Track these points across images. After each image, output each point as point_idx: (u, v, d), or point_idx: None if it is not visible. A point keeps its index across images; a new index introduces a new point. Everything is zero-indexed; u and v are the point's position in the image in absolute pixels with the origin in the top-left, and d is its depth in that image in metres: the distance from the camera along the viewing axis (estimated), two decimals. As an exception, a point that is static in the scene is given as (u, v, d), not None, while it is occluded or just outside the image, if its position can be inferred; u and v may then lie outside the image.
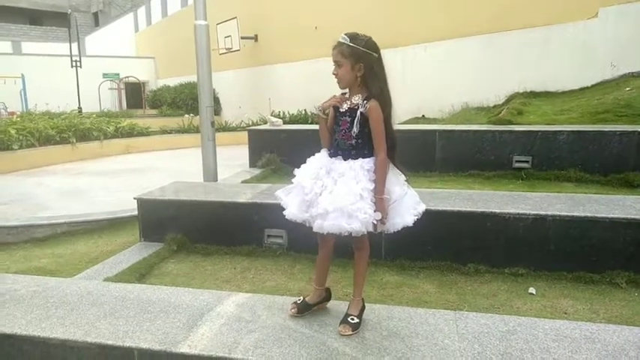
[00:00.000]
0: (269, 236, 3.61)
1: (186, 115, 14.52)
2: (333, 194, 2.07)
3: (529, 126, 5.26)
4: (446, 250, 3.26)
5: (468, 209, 3.28)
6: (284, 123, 7.71)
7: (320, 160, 2.20)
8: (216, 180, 5.46)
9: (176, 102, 19.32)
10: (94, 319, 2.36)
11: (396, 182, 2.16)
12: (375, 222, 2.07)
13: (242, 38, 15.25)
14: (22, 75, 19.25)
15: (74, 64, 19.05)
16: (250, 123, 12.34)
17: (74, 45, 20.13)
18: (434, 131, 5.37)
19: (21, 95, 19.22)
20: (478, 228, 3.21)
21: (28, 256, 3.93)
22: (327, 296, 2.43)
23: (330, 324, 2.26)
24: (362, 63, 2.08)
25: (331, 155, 2.19)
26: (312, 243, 3.45)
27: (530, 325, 2.24)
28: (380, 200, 2.07)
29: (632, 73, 6.57)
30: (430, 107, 9.31)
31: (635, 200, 3.43)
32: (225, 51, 15.54)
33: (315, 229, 2.11)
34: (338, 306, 2.46)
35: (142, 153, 11.38)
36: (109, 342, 2.17)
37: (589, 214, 3.05)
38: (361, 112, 2.09)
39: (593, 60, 7.13)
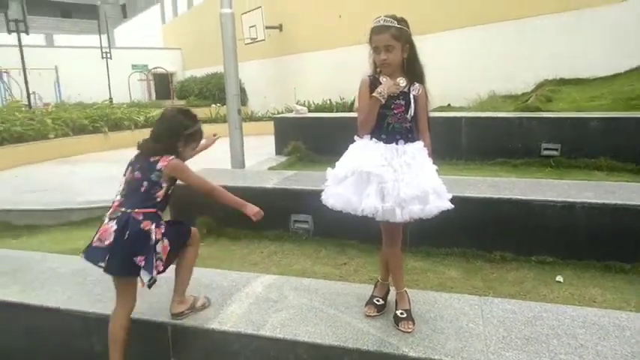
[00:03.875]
0: (295, 221, 3.69)
1: (214, 105, 14.72)
2: (418, 177, 1.97)
3: (558, 113, 5.15)
4: (471, 238, 3.26)
5: (493, 196, 3.27)
6: (309, 112, 7.76)
7: (376, 147, 2.05)
8: (244, 167, 5.56)
9: (203, 92, 19.59)
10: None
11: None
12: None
13: (267, 28, 15.31)
14: (56, 67, 19.82)
15: (104, 55, 19.49)
16: (276, 112, 12.43)
17: (104, 37, 20.59)
18: (459, 118, 5.31)
19: (55, 87, 19.81)
20: (503, 215, 3.19)
21: (67, 237, 4.12)
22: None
23: (354, 305, 2.31)
24: (409, 44, 2.04)
25: (387, 141, 2.05)
26: (336, 229, 3.54)
27: (556, 312, 2.23)
28: None
29: (668, 58, 6.35)
30: (456, 96, 9.18)
31: (668, 188, 3.35)
32: (250, 41, 15.63)
33: (408, 217, 1.96)
34: (364, 289, 2.50)
35: (171, 142, 11.62)
36: (145, 317, 2.28)
37: (619, 202, 3.01)
38: (414, 95, 2.08)
39: (626, 45, 6.89)
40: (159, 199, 2.12)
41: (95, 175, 7.20)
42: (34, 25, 11.35)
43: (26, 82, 11.87)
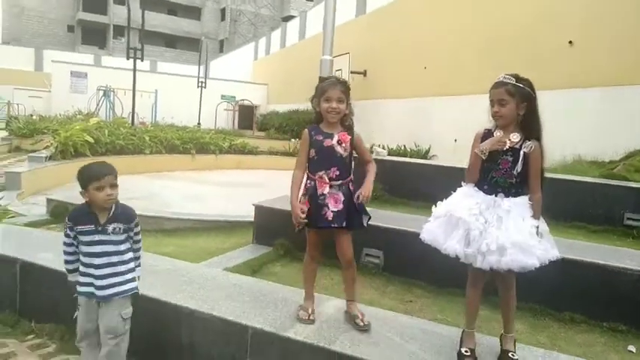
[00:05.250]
0: (367, 255, 3.88)
1: (292, 140, 15.43)
2: (504, 230, 2.07)
3: (647, 184, 5.02)
4: (541, 295, 3.26)
5: (568, 256, 3.27)
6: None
7: (476, 195, 2.21)
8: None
9: (282, 127, 20.51)
10: (217, 298, 2.77)
11: (542, 220, 2.21)
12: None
13: (352, 73, 15.99)
14: (156, 90, 21.81)
15: (200, 84, 21.18)
16: (353, 153, 12.79)
17: (202, 68, 22.44)
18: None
19: (152, 108, 21.74)
20: (577, 276, 3.19)
21: (158, 243, 4.58)
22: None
23: (419, 337, 2.45)
24: (526, 102, 2.16)
25: (487, 192, 2.19)
26: (405, 266, 3.70)
27: (623, 375, 2.24)
28: (539, 235, 2.12)
29: None
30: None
31: None
32: (335, 83, 16.35)
33: (488, 266, 2.09)
34: (428, 324, 2.63)
35: (250, 169, 12.36)
36: (230, 318, 2.55)
37: (703, 279, 2.92)
38: (524, 152, 2.16)
39: None
40: None
41: (183, 191, 7.87)
42: (145, 52, 12.82)
43: (133, 102, 13.26)
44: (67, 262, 2.40)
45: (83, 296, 2.33)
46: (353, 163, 2.55)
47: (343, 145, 2.47)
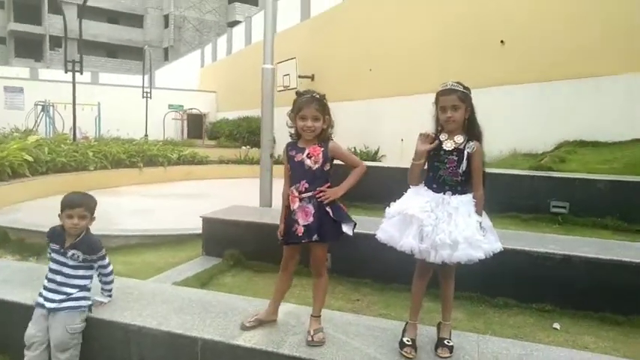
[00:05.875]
0: (314, 259, 3.99)
1: (244, 147, 15.37)
2: (455, 226, 2.23)
3: (568, 173, 5.43)
4: (477, 283, 3.49)
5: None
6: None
7: (426, 194, 2.38)
8: (271, 206, 5.96)
9: (233, 134, 20.34)
10: (165, 313, 2.81)
11: (485, 215, 2.39)
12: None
13: (300, 77, 16.14)
14: (99, 103, 21.07)
15: (145, 95, 20.66)
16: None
17: (146, 77, 21.91)
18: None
19: (95, 121, 20.98)
20: (507, 264, 3.43)
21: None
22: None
23: (363, 334, 2.59)
24: (469, 107, 2.36)
25: (436, 190, 2.36)
26: (353, 266, 3.84)
27: (547, 351, 2.46)
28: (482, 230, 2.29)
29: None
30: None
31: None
32: (282, 89, 16.46)
33: (440, 260, 2.25)
34: (372, 321, 2.77)
35: (200, 180, 12.22)
36: (179, 331, 2.60)
37: (615, 258, 3.24)
38: (468, 152, 2.33)
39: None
40: None
41: (130, 207, 7.71)
42: (85, 64, 12.39)
43: (74, 117, 12.79)
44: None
45: (37, 305, 2.62)
46: (327, 175, 2.51)
47: (313, 158, 2.47)
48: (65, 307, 2.58)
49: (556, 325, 3.12)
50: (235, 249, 4.24)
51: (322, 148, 2.48)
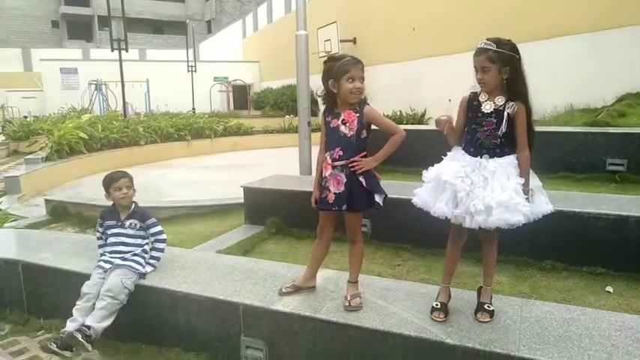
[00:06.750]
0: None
1: (287, 117, 15.42)
2: (490, 191, 2.16)
3: (627, 128, 5.04)
4: (523, 246, 3.36)
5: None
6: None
7: (462, 158, 2.30)
8: (310, 174, 5.97)
9: (278, 103, 20.48)
10: (209, 280, 2.91)
11: (534, 176, 2.29)
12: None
13: (341, 41, 15.81)
14: (147, 79, 21.72)
15: (190, 68, 21.04)
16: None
17: (190, 51, 22.25)
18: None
19: (145, 97, 21.70)
20: (557, 226, 3.28)
21: (156, 232, 4.72)
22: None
23: (402, 298, 2.57)
24: (508, 66, 2.19)
25: (473, 154, 2.28)
26: (393, 233, 3.81)
27: (594, 315, 2.35)
28: (527, 192, 2.20)
29: None
30: (537, 106, 8.95)
31: None
32: (324, 54, 16.22)
33: (476, 225, 2.20)
34: (412, 286, 2.75)
35: (246, 150, 12.42)
36: (221, 297, 2.69)
37: (675, 217, 3.01)
38: (508, 114, 2.21)
39: None
40: None
41: (178, 179, 7.99)
42: (131, 41, 12.72)
43: (123, 94, 13.26)
44: (100, 251, 3.05)
45: (98, 267, 2.88)
46: (364, 143, 2.44)
47: (348, 124, 2.41)
48: (127, 264, 2.85)
49: (609, 289, 2.97)
50: (276, 217, 4.31)
51: (357, 114, 2.42)
